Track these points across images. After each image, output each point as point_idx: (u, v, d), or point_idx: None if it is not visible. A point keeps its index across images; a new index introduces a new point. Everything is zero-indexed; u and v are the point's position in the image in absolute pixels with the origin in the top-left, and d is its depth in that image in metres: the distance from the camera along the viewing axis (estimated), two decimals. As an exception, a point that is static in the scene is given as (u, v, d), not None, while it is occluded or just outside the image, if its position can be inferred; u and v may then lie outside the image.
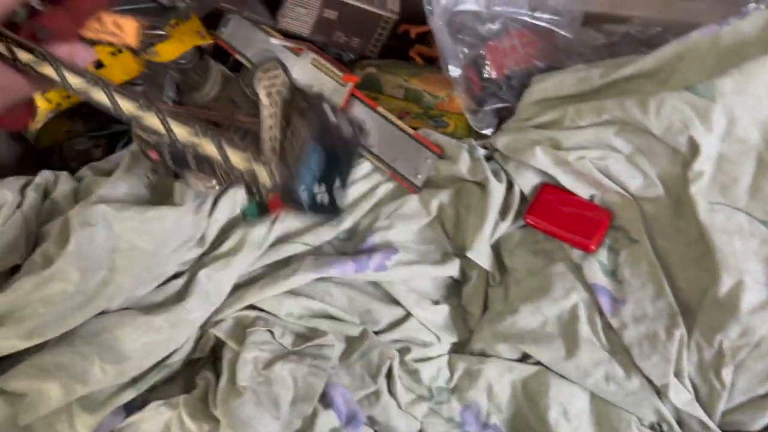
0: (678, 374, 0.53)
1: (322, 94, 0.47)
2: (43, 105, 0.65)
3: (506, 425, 0.60)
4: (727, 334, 0.51)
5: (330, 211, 0.46)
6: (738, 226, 0.53)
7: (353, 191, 0.65)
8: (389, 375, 0.59)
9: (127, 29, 0.60)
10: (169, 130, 0.44)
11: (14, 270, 0.57)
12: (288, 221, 0.63)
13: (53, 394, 0.51)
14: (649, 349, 0.53)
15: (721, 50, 0.53)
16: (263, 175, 0.44)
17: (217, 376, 0.59)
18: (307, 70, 0.67)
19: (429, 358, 0.60)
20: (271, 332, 0.58)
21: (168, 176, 0.57)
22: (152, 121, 0.45)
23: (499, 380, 0.59)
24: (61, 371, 0.51)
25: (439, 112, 0.65)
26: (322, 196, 0.45)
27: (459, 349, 0.62)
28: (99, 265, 0.52)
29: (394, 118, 0.64)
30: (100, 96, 0.44)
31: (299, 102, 0.50)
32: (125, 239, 0.53)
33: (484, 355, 0.60)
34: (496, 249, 0.62)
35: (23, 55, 0.42)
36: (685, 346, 0.53)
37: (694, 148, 0.52)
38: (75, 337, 0.53)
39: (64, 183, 0.61)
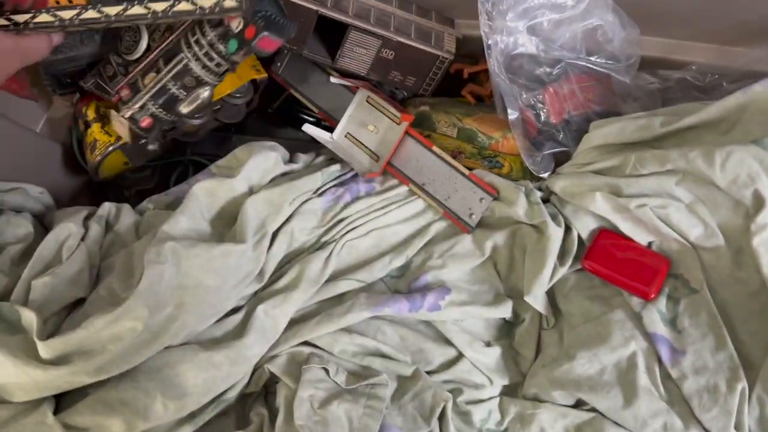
0: (738, 427, 0.53)
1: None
2: (103, 138, 0.67)
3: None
4: (793, 389, 0.51)
5: (286, 26, 0.57)
6: (803, 281, 0.52)
7: (405, 229, 0.66)
8: (442, 417, 0.59)
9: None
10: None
11: (77, 303, 0.58)
12: (342, 257, 0.64)
13: (116, 430, 0.51)
14: (709, 402, 0.53)
15: (786, 103, 0.54)
16: (230, 4, 0.53)
17: (270, 411, 0.59)
18: (363, 108, 0.68)
19: (480, 401, 0.61)
20: (326, 370, 0.58)
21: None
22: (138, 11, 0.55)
23: (552, 425, 0.58)
24: (125, 407, 0.52)
25: (493, 152, 0.66)
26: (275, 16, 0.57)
27: (510, 392, 0.62)
28: (166, 302, 0.52)
29: (449, 158, 0.64)
30: (93, 14, 0.55)
31: None
32: (192, 276, 0.54)
33: (537, 400, 0.60)
34: (551, 292, 0.62)
35: (19, 18, 0.53)
36: (746, 400, 0.52)
37: (759, 202, 0.52)
38: (138, 373, 0.53)
39: (126, 216, 0.63)
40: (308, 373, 0.57)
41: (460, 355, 0.61)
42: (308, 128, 0.68)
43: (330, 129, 0.69)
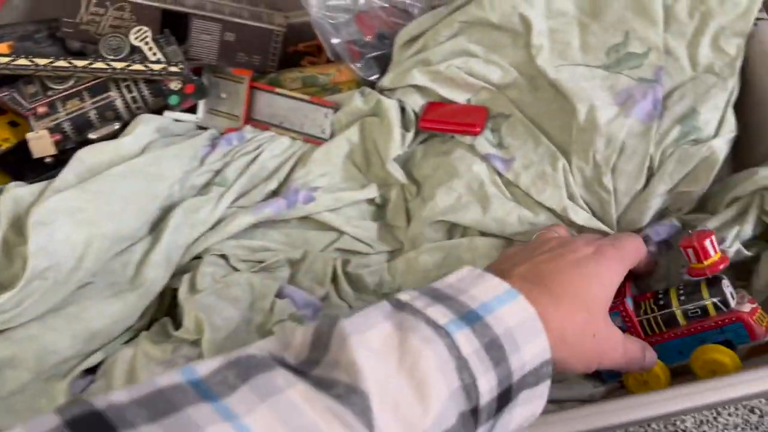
0: (572, 198, 0.62)
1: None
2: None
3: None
4: (596, 147, 0.61)
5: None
6: (581, 74, 0.65)
7: (274, 162, 0.74)
8: (334, 281, 0.65)
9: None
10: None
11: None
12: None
13: (27, 363, 0.56)
14: (542, 185, 0.63)
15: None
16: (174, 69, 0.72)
17: (172, 317, 0.63)
18: (213, 84, 0.79)
19: (367, 266, 0.67)
20: (224, 256, 0.63)
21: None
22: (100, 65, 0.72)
23: (436, 264, 0.65)
24: (33, 342, 0.56)
25: (333, 85, 0.78)
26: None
27: (395, 257, 0.69)
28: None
29: (288, 92, 0.76)
30: (63, 63, 0.71)
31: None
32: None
33: (416, 248, 0.67)
34: (407, 169, 0.71)
35: None
36: (570, 174, 0.62)
37: (527, 25, 0.66)
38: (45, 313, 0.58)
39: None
40: (208, 258, 0.63)
41: (341, 234, 0.69)
42: (171, 114, 0.78)
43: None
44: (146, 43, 0.74)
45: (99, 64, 0.71)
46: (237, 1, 0.85)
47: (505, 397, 0.38)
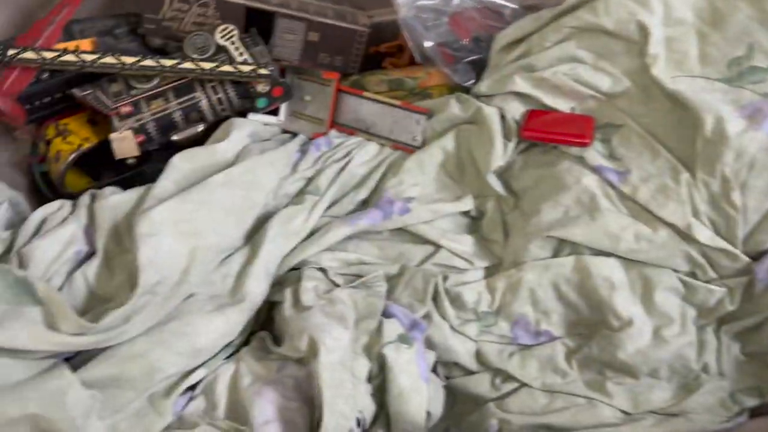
0: (696, 215, 0.59)
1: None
2: (65, 147, 0.71)
3: (558, 326, 0.63)
4: (725, 161, 0.58)
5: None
6: (700, 86, 0.61)
7: (363, 170, 0.71)
8: (435, 299, 0.63)
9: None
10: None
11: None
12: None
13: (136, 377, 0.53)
14: (663, 199, 0.59)
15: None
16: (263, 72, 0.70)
17: (272, 333, 0.61)
18: (296, 86, 0.76)
19: (466, 283, 0.64)
20: (323, 270, 0.61)
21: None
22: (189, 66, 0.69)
23: (539, 283, 0.62)
24: (141, 358, 0.54)
25: (422, 89, 0.75)
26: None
27: (492, 274, 0.66)
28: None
29: (379, 97, 0.73)
30: (151, 62, 0.68)
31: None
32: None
33: (518, 264, 0.64)
34: (504, 181, 0.68)
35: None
36: (694, 188, 0.59)
37: (644, 33, 0.62)
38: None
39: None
40: (308, 271, 0.60)
41: (437, 247, 0.66)
42: (254, 116, 0.75)
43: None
44: (232, 43, 0.71)
45: (187, 65, 0.69)
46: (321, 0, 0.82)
47: None
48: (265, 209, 0.64)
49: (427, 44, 0.72)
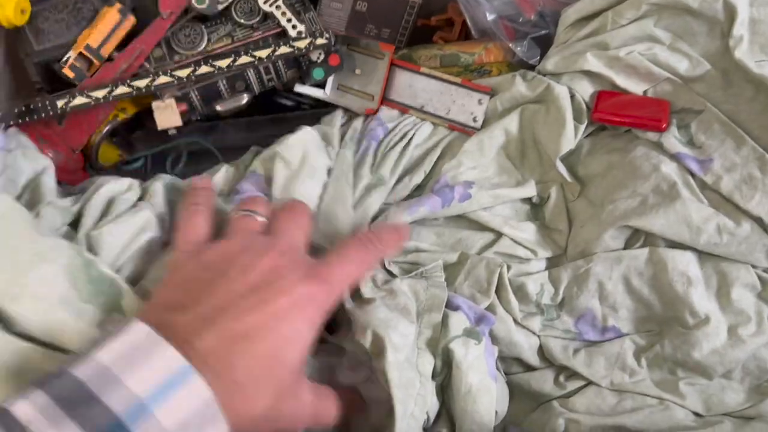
0: (784, 205, 0.56)
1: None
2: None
3: (627, 322, 0.59)
4: (818, 152, 0.55)
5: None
6: (787, 72, 0.58)
7: (418, 152, 0.67)
8: (498, 290, 0.59)
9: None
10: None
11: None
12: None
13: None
14: (749, 191, 0.56)
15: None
16: (320, 42, 0.65)
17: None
18: (347, 57, 0.72)
19: (529, 274, 0.61)
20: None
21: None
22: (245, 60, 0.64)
23: (609, 276, 0.59)
24: None
25: (479, 66, 0.71)
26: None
27: (556, 265, 0.62)
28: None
29: (438, 73, 0.68)
30: (206, 69, 0.63)
31: None
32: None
33: (587, 255, 0.60)
34: (569, 166, 0.65)
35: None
36: (784, 178, 0.56)
37: (730, 12, 0.59)
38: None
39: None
40: None
41: (498, 235, 0.62)
42: (300, 88, 0.71)
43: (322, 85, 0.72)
44: (278, 8, 0.66)
45: (244, 59, 0.64)
46: (368, -33, 0.77)
47: None
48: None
49: (490, 17, 0.67)
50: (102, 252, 0.50)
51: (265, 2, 0.66)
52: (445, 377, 0.54)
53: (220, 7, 0.65)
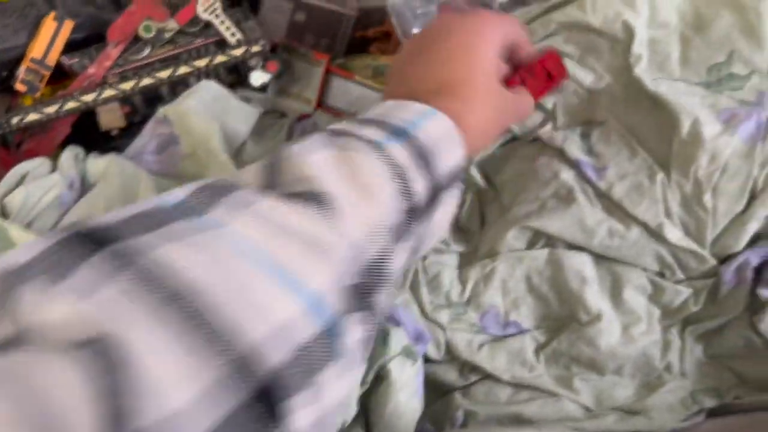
0: (668, 215, 0.60)
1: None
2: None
3: (527, 318, 0.63)
4: (699, 163, 0.58)
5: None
6: (680, 89, 0.62)
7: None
8: (413, 285, 0.62)
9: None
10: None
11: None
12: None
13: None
14: (637, 197, 0.60)
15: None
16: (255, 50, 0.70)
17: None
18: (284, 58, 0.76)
19: (444, 264, 0.64)
20: None
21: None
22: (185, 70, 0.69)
23: (512, 274, 0.63)
24: None
25: (408, 77, 0.75)
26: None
27: (466, 263, 0.66)
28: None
29: (368, 82, 0.73)
30: (148, 81, 0.68)
31: None
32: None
33: (492, 255, 0.64)
34: (485, 173, 0.68)
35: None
36: (668, 188, 0.60)
37: (629, 33, 0.63)
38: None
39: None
40: None
41: None
42: (242, 92, 0.75)
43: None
44: (217, 16, 0.71)
45: (183, 69, 0.68)
46: (309, -20, 0.81)
47: (433, 197, 0.44)
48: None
49: (415, 31, 0.72)
50: (14, 212, 0.54)
51: (204, 11, 0.70)
52: (371, 388, 0.56)
53: (168, 35, 0.70)
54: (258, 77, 0.72)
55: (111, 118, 0.69)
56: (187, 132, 0.63)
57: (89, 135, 0.70)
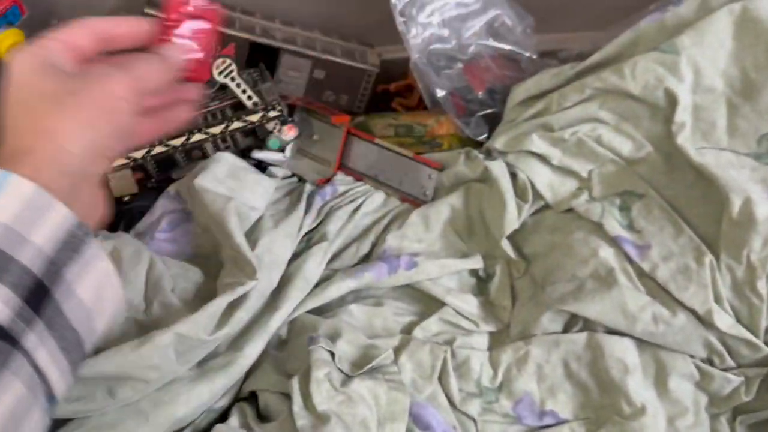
0: (717, 300, 0.55)
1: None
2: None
3: (565, 406, 0.59)
4: (752, 247, 0.54)
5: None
6: (727, 161, 0.58)
7: (366, 221, 0.68)
8: (442, 373, 0.58)
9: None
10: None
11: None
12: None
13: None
14: (684, 281, 0.56)
15: (668, 31, 0.62)
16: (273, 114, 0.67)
17: (255, 406, 0.56)
18: (305, 121, 0.72)
19: (473, 347, 0.60)
20: (332, 353, 0.56)
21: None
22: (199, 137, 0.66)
23: (548, 359, 0.59)
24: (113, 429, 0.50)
25: (431, 138, 0.71)
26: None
27: (497, 344, 0.62)
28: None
29: (391, 146, 0.69)
30: (161, 148, 0.64)
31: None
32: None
33: (526, 337, 0.60)
34: (515, 243, 0.65)
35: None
36: (717, 271, 0.55)
37: (671, 100, 0.59)
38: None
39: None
40: (316, 353, 0.54)
41: (442, 305, 0.62)
42: (258, 154, 0.71)
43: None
44: (232, 79, 0.67)
45: (197, 137, 0.65)
46: (328, 34, 0.78)
47: (38, 294, 0.33)
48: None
49: (440, 93, 0.68)
50: None
51: (219, 74, 0.67)
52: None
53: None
54: (276, 141, 0.69)
55: (123, 185, 0.66)
56: (201, 209, 0.60)
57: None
